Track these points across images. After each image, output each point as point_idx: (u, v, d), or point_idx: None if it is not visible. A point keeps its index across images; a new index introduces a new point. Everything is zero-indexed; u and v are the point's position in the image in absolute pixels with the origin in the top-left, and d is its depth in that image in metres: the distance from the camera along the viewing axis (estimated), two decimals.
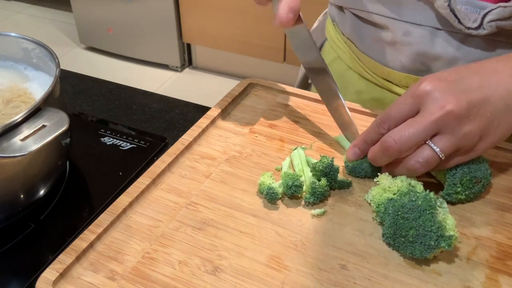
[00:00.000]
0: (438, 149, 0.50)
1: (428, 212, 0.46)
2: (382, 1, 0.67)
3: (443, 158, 0.50)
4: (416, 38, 0.66)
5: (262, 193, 0.54)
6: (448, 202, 0.53)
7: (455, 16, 0.60)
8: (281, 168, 0.59)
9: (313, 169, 0.55)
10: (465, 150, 0.51)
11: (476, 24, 0.59)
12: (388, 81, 0.73)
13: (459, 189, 0.52)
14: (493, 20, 0.58)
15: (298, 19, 0.58)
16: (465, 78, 0.50)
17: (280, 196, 0.54)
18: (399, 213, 0.47)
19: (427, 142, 0.50)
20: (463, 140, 0.49)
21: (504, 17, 0.57)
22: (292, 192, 0.53)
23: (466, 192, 0.52)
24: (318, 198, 0.53)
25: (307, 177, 0.55)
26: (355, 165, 0.57)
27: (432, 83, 0.50)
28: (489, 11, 0.58)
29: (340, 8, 0.76)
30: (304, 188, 0.54)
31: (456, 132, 0.49)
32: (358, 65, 0.76)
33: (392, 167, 0.54)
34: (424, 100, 0.50)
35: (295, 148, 0.60)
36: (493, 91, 0.50)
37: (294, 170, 0.57)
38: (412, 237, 0.46)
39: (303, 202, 0.54)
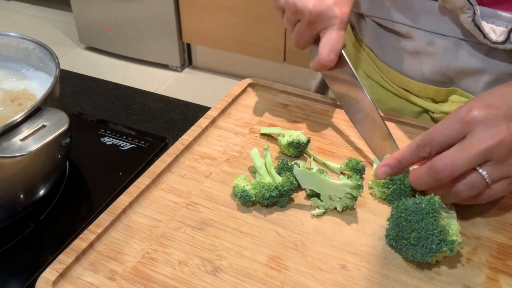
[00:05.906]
0: (486, 175, 0.47)
1: (431, 215, 0.46)
2: (406, 10, 0.65)
3: (490, 183, 0.48)
4: (439, 49, 0.64)
5: (236, 196, 0.54)
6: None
7: (480, 31, 0.58)
8: (257, 170, 0.56)
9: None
10: None
11: (502, 38, 0.58)
12: (407, 91, 0.72)
13: None
14: None
15: (341, 61, 0.55)
16: None
17: (254, 199, 0.53)
18: (402, 215, 0.47)
19: (475, 168, 0.48)
20: None
21: None
22: (268, 203, 0.53)
23: None
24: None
25: (277, 178, 0.54)
26: (393, 191, 0.54)
27: (483, 110, 0.47)
28: None
29: (360, 15, 0.74)
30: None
31: (506, 160, 0.47)
32: (376, 73, 0.75)
33: (433, 190, 0.50)
34: (473, 127, 0.47)
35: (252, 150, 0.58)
36: None
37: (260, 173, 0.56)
38: (414, 240, 0.46)
39: (302, 202, 0.54)
